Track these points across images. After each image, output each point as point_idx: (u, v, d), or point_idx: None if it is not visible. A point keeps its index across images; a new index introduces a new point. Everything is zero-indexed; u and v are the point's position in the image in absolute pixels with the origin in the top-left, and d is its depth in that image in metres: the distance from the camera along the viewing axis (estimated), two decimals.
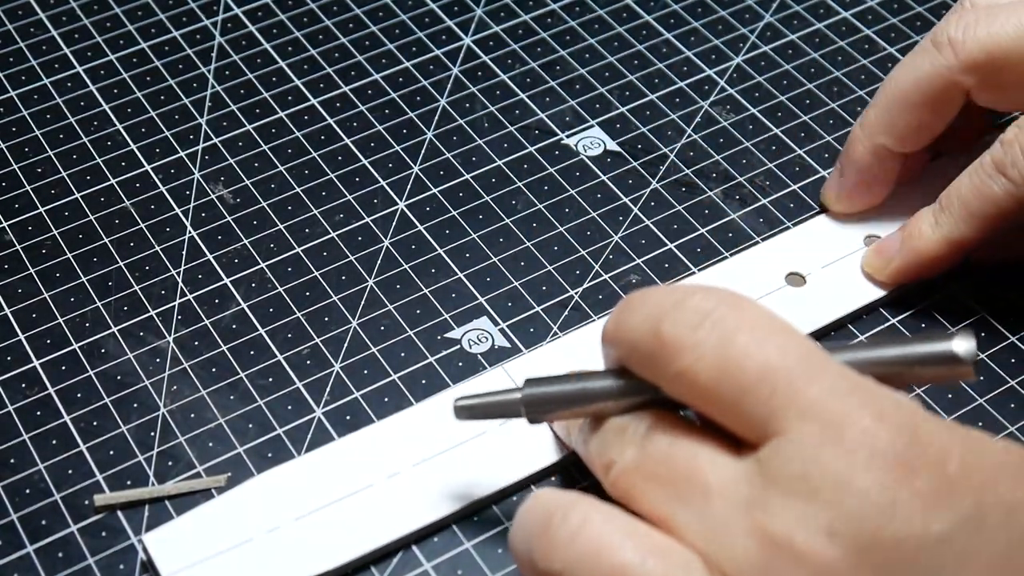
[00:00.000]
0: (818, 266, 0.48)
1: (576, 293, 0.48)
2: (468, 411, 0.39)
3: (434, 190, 0.51)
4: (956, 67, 0.45)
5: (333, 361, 0.46)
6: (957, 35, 0.45)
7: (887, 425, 0.33)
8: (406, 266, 0.48)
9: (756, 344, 0.34)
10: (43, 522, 0.42)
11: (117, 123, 0.54)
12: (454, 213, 0.50)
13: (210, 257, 0.49)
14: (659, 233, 0.49)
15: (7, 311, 0.47)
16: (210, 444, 0.43)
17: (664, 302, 0.35)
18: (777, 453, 0.33)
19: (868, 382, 0.34)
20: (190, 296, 0.48)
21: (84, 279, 0.48)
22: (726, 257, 0.48)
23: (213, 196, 0.51)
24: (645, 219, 0.50)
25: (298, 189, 0.51)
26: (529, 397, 0.38)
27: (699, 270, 0.48)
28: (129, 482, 0.43)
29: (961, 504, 0.32)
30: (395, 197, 0.51)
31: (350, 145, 0.53)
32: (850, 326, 0.46)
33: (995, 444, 0.34)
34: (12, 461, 0.43)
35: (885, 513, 0.32)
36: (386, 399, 0.45)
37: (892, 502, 0.32)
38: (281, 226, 0.50)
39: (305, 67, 0.56)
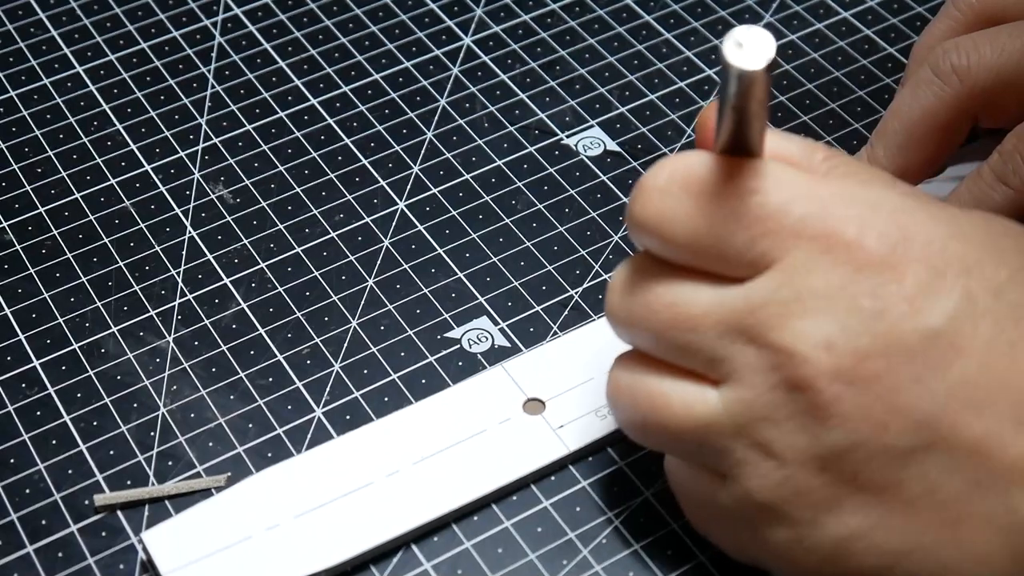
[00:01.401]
0: None
1: (576, 293, 0.48)
2: None
3: (434, 190, 0.51)
4: (964, 95, 0.45)
5: (333, 361, 0.46)
6: (962, 63, 0.45)
7: (871, 230, 0.34)
8: (406, 266, 0.48)
9: (724, 189, 0.35)
10: (43, 522, 0.42)
11: (117, 123, 0.54)
12: (454, 213, 0.50)
13: (210, 257, 0.49)
14: None
15: (7, 311, 0.47)
16: (210, 444, 0.43)
17: (644, 176, 0.37)
18: (769, 281, 0.35)
19: (844, 188, 0.35)
20: (190, 296, 0.48)
21: (84, 279, 0.48)
22: None
23: (213, 196, 0.51)
24: None
25: (298, 189, 0.51)
26: None
27: None
28: (129, 482, 0.43)
29: (951, 296, 0.34)
30: (395, 197, 0.51)
31: (350, 145, 0.53)
32: None
33: (977, 223, 0.35)
34: (12, 461, 0.43)
35: (879, 319, 0.33)
36: (386, 399, 0.45)
37: (884, 308, 0.33)
38: (281, 226, 0.50)
39: (305, 67, 0.56)
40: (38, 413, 0.44)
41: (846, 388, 0.33)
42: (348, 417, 0.44)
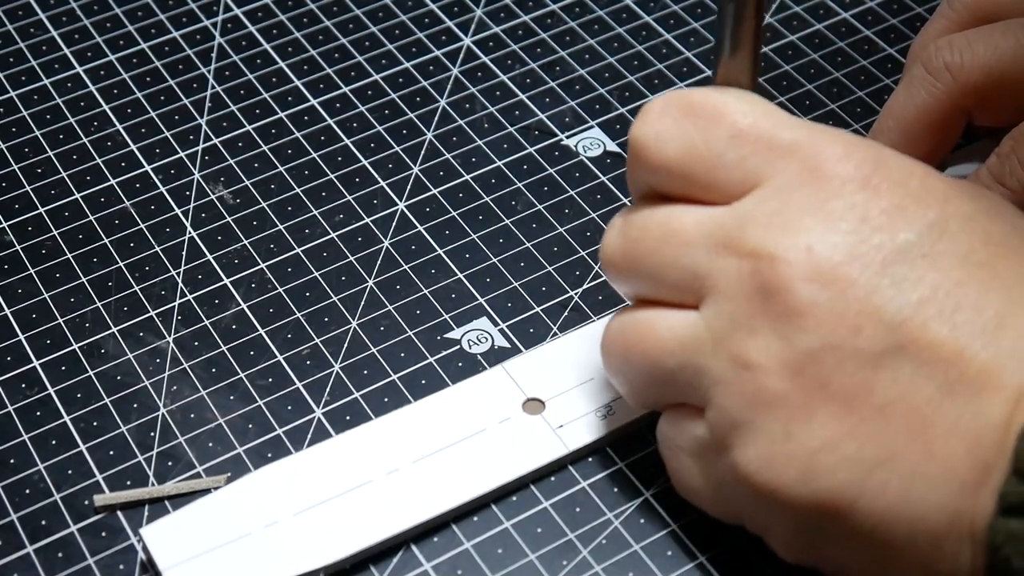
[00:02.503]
0: None
1: (576, 293, 0.48)
2: None
3: (434, 190, 0.51)
4: (957, 92, 0.45)
5: (333, 361, 0.46)
6: (954, 60, 0.45)
7: (854, 155, 0.36)
8: (406, 266, 0.49)
9: (713, 120, 0.37)
10: (43, 522, 0.42)
11: (117, 123, 0.54)
12: (454, 213, 0.50)
13: (210, 257, 0.49)
14: None
15: (7, 311, 0.47)
16: (210, 444, 0.43)
17: (645, 105, 0.39)
18: (755, 197, 0.37)
19: (829, 128, 0.38)
20: (190, 296, 0.48)
21: (84, 279, 0.48)
22: None
23: (213, 196, 0.51)
24: None
25: (298, 189, 0.51)
26: None
27: None
28: (129, 482, 0.43)
29: (924, 215, 0.36)
30: (395, 198, 0.51)
31: (350, 145, 0.53)
32: None
33: (951, 176, 0.38)
34: (12, 461, 0.43)
35: (857, 230, 0.35)
36: (386, 399, 0.45)
37: (863, 218, 0.35)
38: (281, 226, 0.50)
39: (305, 67, 0.56)
40: (38, 413, 0.44)
41: (821, 290, 0.35)
42: (348, 417, 0.44)
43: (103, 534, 0.41)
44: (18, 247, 0.49)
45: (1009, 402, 0.33)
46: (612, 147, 0.53)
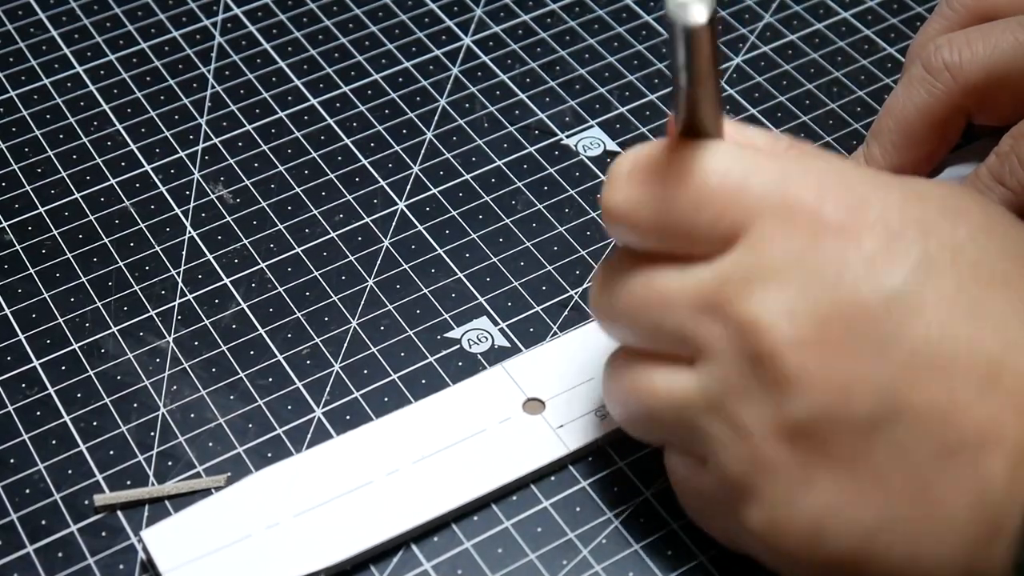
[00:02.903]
0: None
1: (576, 293, 0.48)
2: None
3: (434, 190, 0.51)
4: (957, 91, 0.45)
5: (333, 361, 0.46)
6: (953, 59, 0.45)
7: (828, 198, 0.35)
8: (406, 266, 0.48)
9: (683, 174, 0.36)
10: (43, 522, 0.42)
11: (117, 123, 0.54)
12: (454, 213, 0.50)
13: (210, 257, 0.49)
14: None
15: (7, 311, 0.47)
16: (210, 444, 0.43)
17: (609, 169, 0.38)
18: (732, 252, 0.35)
19: (801, 162, 0.36)
20: (190, 296, 0.48)
21: (84, 279, 0.48)
22: None
23: (213, 196, 0.51)
24: None
25: (298, 189, 0.51)
26: None
27: None
28: (129, 482, 0.43)
29: (908, 256, 0.34)
30: (395, 197, 0.51)
31: (350, 145, 0.53)
32: None
33: (934, 188, 0.36)
34: (12, 461, 0.43)
35: (839, 284, 0.34)
36: (386, 399, 0.45)
37: (843, 272, 0.34)
38: (281, 226, 0.50)
39: (305, 67, 0.56)
40: (38, 413, 0.44)
41: (808, 356, 0.34)
42: (348, 417, 0.44)
43: (103, 534, 0.41)
44: (18, 247, 0.49)
45: (1010, 455, 0.32)
46: (612, 147, 0.52)
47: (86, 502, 0.42)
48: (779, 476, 0.35)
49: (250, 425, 0.44)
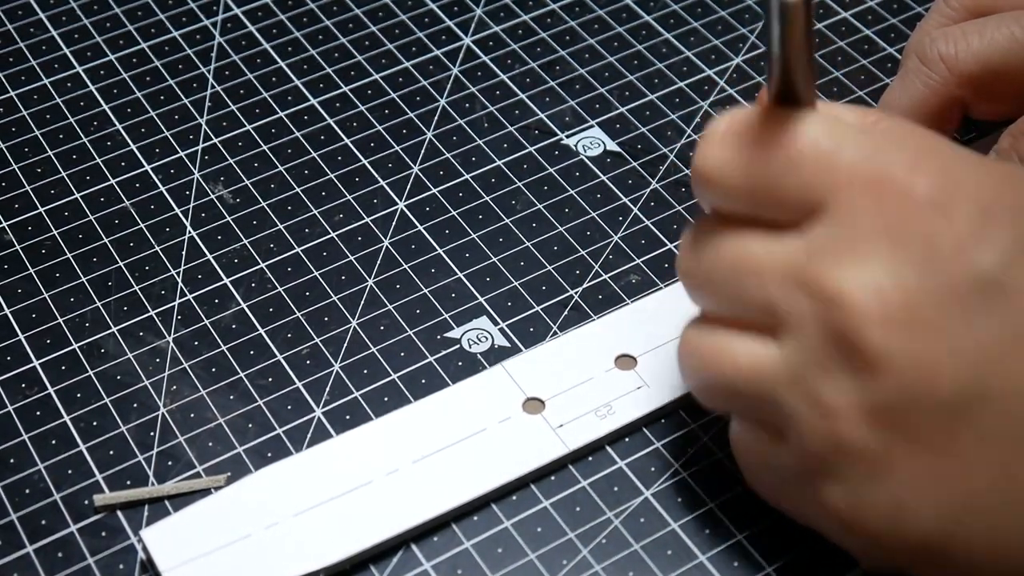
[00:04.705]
0: None
1: (576, 293, 0.48)
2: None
3: (434, 190, 0.51)
4: (952, 82, 0.45)
5: (333, 361, 0.46)
6: (949, 51, 0.45)
7: (921, 173, 0.34)
8: (406, 266, 0.48)
9: (776, 138, 0.36)
10: (43, 522, 0.42)
11: (117, 123, 0.54)
12: (454, 213, 0.50)
13: (210, 257, 0.49)
14: (659, 233, 0.49)
15: (7, 311, 0.47)
16: (210, 444, 0.43)
17: (704, 132, 0.38)
18: (821, 223, 0.35)
19: (893, 136, 0.36)
20: (190, 296, 0.48)
21: (84, 279, 0.48)
22: None
23: (213, 196, 0.51)
24: (645, 219, 0.50)
25: (298, 189, 0.51)
26: None
27: None
28: (129, 482, 0.43)
29: (1000, 238, 0.33)
30: (395, 197, 0.51)
31: (350, 145, 0.53)
32: None
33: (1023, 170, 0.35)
34: (12, 461, 0.43)
35: (929, 262, 0.33)
36: (386, 399, 0.45)
37: (934, 251, 0.33)
38: (281, 226, 0.50)
39: (305, 67, 0.56)
40: (38, 413, 0.44)
41: (894, 336, 0.33)
42: (348, 417, 0.44)
43: (103, 534, 0.41)
44: (18, 247, 0.49)
45: None
46: (612, 146, 0.52)
47: (86, 502, 0.42)
48: (860, 458, 0.34)
49: (250, 425, 0.44)
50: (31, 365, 0.46)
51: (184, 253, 0.49)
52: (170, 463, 0.43)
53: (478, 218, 0.50)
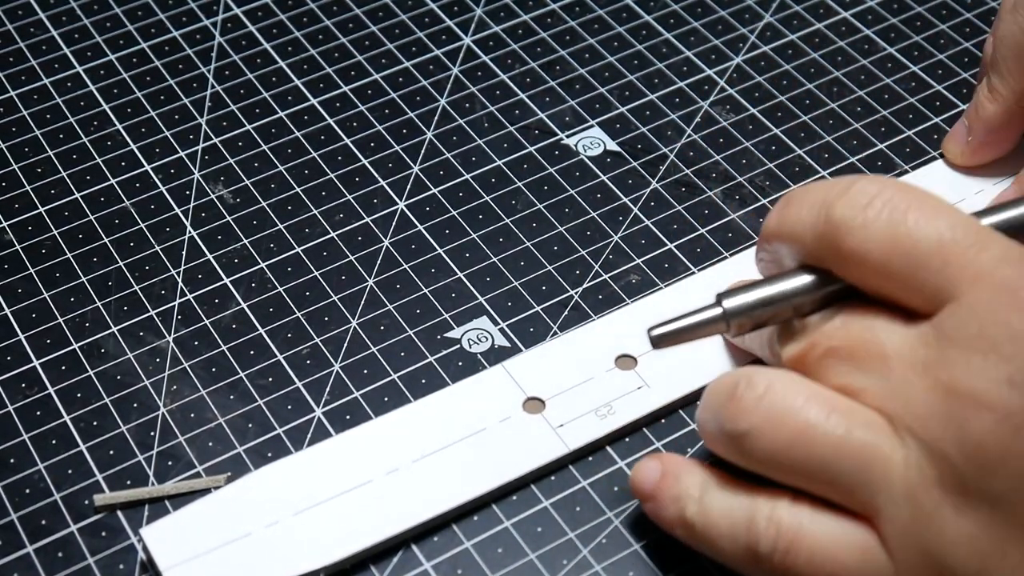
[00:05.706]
0: None
1: (576, 293, 0.48)
2: (668, 338, 0.38)
3: (434, 190, 0.51)
4: None
5: (333, 361, 0.46)
6: None
7: None
8: (406, 266, 0.48)
9: (926, 220, 0.35)
10: (43, 522, 0.42)
11: (117, 123, 0.54)
12: (454, 213, 0.50)
13: (210, 257, 0.49)
14: (659, 233, 0.49)
15: (7, 311, 0.47)
16: (210, 444, 0.43)
17: (830, 190, 0.37)
18: (952, 316, 0.35)
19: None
20: (190, 296, 0.48)
21: (84, 279, 0.48)
22: (726, 257, 0.48)
23: (213, 196, 0.51)
24: (645, 219, 0.50)
25: (298, 189, 0.51)
26: (732, 309, 0.38)
27: (699, 270, 0.48)
28: (129, 482, 0.43)
29: None
30: (395, 197, 0.51)
31: (350, 145, 0.53)
32: None
33: None
34: (12, 461, 0.43)
35: None
36: (386, 399, 0.45)
37: None
38: (281, 226, 0.50)
39: (305, 67, 0.56)
40: (38, 413, 0.44)
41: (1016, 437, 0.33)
42: (348, 417, 0.44)
43: (103, 534, 0.41)
44: (18, 247, 0.49)
45: None
46: (612, 146, 0.52)
47: (86, 502, 0.42)
48: (971, 549, 0.34)
49: (250, 425, 0.44)
50: (31, 365, 0.46)
51: (184, 253, 0.49)
52: (170, 463, 0.43)
53: (478, 218, 0.50)
